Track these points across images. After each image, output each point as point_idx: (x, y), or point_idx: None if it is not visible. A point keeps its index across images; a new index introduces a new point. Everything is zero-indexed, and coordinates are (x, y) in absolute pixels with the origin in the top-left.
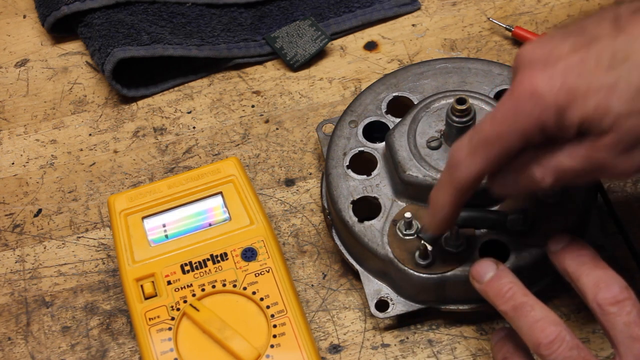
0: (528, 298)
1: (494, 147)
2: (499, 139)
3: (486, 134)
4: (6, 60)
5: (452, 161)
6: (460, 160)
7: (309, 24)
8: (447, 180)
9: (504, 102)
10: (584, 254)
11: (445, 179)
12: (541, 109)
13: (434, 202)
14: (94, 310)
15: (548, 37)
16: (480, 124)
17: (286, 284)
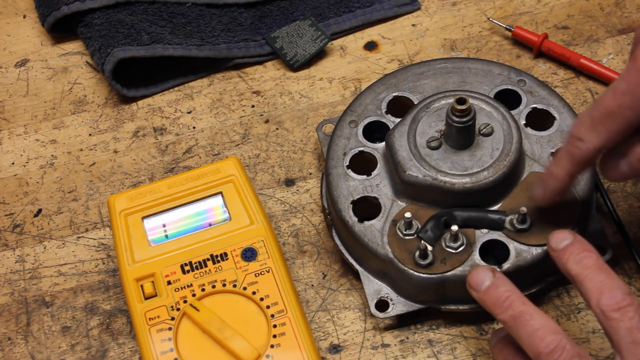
0: (526, 307)
1: (616, 120)
2: (621, 111)
3: (608, 106)
4: (6, 60)
5: (574, 135)
6: (581, 134)
7: (309, 24)
8: (567, 154)
9: (626, 74)
10: (587, 255)
11: (565, 152)
12: None
13: (552, 173)
14: (94, 310)
15: None
16: (600, 98)
17: (286, 284)
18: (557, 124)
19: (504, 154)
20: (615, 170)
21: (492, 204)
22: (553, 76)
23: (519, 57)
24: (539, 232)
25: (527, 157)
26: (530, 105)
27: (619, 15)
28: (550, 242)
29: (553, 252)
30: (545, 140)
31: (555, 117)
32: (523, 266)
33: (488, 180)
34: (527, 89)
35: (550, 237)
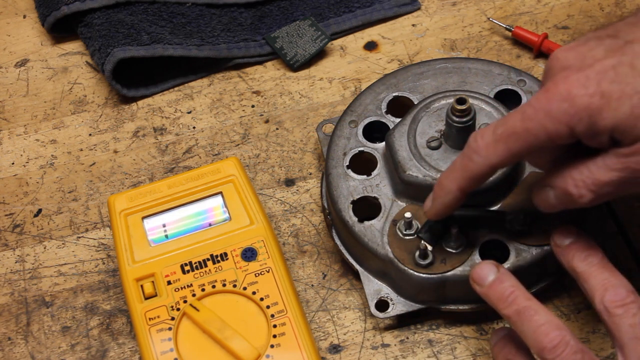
0: (531, 302)
1: (518, 141)
2: (525, 134)
3: (513, 127)
4: (6, 60)
5: (471, 147)
6: (480, 147)
7: (309, 24)
8: (460, 165)
9: (536, 100)
10: (592, 253)
11: (459, 164)
12: (574, 111)
13: (441, 185)
14: (94, 310)
15: (582, 41)
16: (507, 117)
17: (286, 284)
18: None
19: None
20: (544, 201)
21: (492, 204)
22: None
23: (519, 57)
24: (539, 232)
25: None
26: None
27: (619, 15)
28: (555, 238)
29: (557, 248)
30: None
31: None
32: (523, 266)
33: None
34: (527, 89)
35: (554, 233)
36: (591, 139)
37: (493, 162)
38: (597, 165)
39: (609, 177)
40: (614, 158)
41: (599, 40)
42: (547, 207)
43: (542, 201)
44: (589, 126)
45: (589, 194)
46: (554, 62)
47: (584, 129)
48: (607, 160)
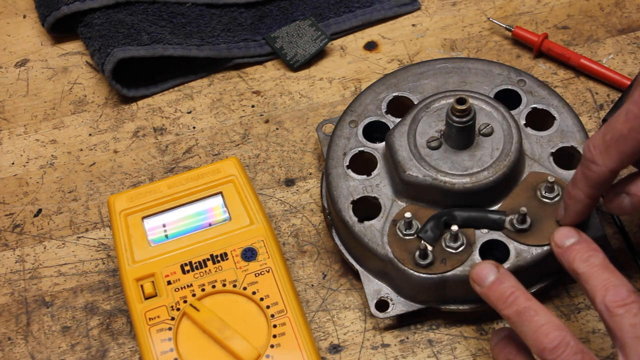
0: (531, 302)
1: (627, 143)
2: (632, 135)
3: (620, 130)
4: (6, 60)
5: (587, 158)
6: (594, 157)
7: (309, 24)
8: (583, 176)
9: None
10: (593, 254)
11: (581, 175)
12: None
13: (570, 195)
14: (94, 310)
15: None
16: (612, 121)
17: (286, 284)
18: (557, 124)
19: (504, 154)
20: (618, 206)
21: (492, 204)
22: (553, 76)
23: (519, 57)
24: (539, 232)
25: (527, 157)
26: (530, 105)
27: (619, 15)
28: (555, 239)
29: (557, 249)
30: (545, 140)
31: (555, 117)
32: (523, 266)
33: (488, 180)
34: (527, 89)
35: (554, 233)
36: None
37: (611, 167)
38: None
39: None
40: None
41: None
42: (620, 213)
43: (616, 207)
44: None
45: None
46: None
47: None
48: None
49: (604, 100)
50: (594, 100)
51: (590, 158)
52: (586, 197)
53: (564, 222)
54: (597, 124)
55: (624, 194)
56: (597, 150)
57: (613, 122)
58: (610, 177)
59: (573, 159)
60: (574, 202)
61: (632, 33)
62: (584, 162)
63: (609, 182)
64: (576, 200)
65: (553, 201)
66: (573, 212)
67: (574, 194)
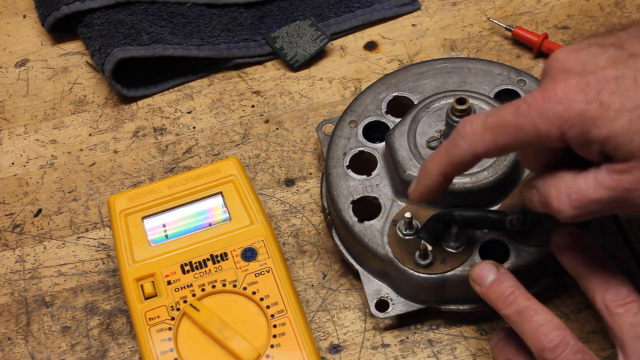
0: (531, 302)
1: (506, 135)
2: (515, 130)
3: (505, 119)
4: (6, 60)
5: (459, 132)
6: (467, 133)
7: (309, 24)
8: (445, 150)
9: (532, 97)
10: (592, 253)
11: (444, 148)
12: (569, 115)
13: (425, 167)
14: (94, 310)
15: (584, 45)
16: (500, 109)
17: (286, 284)
18: None
19: None
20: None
21: (492, 204)
22: None
23: (519, 57)
24: (539, 232)
25: None
26: None
27: (619, 15)
28: (554, 239)
29: (557, 249)
30: None
31: None
32: (523, 266)
33: (488, 180)
34: (527, 89)
35: (554, 234)
36: (581, 147)
37: (478, 150)
38: (586, 180)
39: (598, 195)
40: (606, 174)
41: (602, 48)
42: (531, 208)
43: (527, 201)
44: (581, 133)
45: (570, 210)
46: (554, 62)
47: (575, 135)
48: (599, 175)
49: None
50: None
51: (462, 133)
52: (439, 173)
53: (413, 195)
54: None
55: (534, 189)
56: (471, 128)
57: (502, 110)
58: (471, 160)
59: None
60: (427, 176)
61: None
62: (452, 135)
63: (466, 167)
64: (429, 174)
65: None
66: (422, 187)
67: (429, 167)
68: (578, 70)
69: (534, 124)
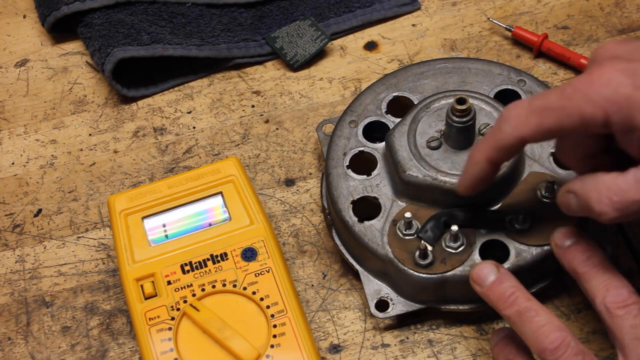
0: (531, 303)
1: (551, 117)
2: (560, 112)
3: (550, 102)
4: (6, 60)
5: (503, 116)
6: (512, 116)
7: (309, 24)
8: (491, 136)
9: (578, 80)
10: (593, 254)
11: (490, 134)
12: (615, 98)
13: (471, 156)
14: (94, 310)
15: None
16: (546, 92)
17: (286, 284)
18: None
19: None
20: (566, 206)
21: (492, 204)
22: (553, 76)
23: (519, 57)
24: (539, 232)
25: (527, 157)
26: None
27: (619, 15)
28: (555, 239)
29: (557, 249)
30: None
31: None
32: (523, 266)
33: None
34: (527, 89)
35: (554, 233)
36: (623, 134)
37: (523, 133)
38: (626, 181)
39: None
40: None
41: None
42: (569, 213)
43: (564, 205)
44: (625, 118)
45: (612, 212)
46: (602, 50)
47: (619, 120)
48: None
49: None
50: None
51: (506, 116)
52: (485, 160)
53: (460, 187)
54: None
55: (572, 194)
56: (516, 112)
57: (547, 93)
58: (517, 145)
59: None
60: (473, 164)
61: (632, 33)
62: (498, 121)
63: (512, 152)
64: (475, 161)
65: (553, 201)
66: (469, 175)
67: (475, 155)
68: (626, 57)
69: (579, 106)
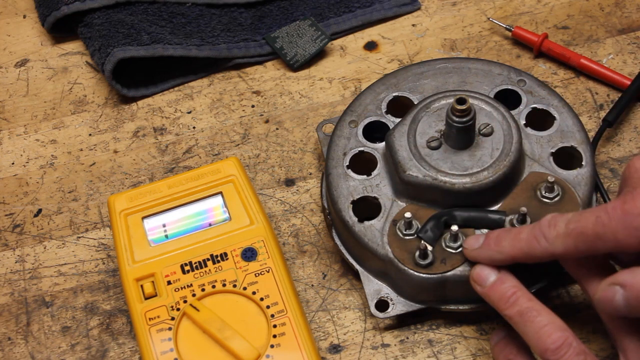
0: (533, 303)
1: (586, 243)
2: (594, 238)
3: (586, 228)
4: (6, 60)
5: (543, 231)
6: (550, 236)
7: (309, 24)
8: (526, 241)
9: (613, 208)
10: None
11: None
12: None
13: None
14: (94, 310)
15: None
16: (583, 215)
17: (286, 284)
18: (557, 124)
19: (504, 154)
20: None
21: (492, 204)
22: (553, 76)
23: (519, 57)
24: None
25: (527, 157)
26: (530, 105)
27: (619, 15)
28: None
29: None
30: (545, 140)
31: (555, 117)
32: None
33: (488, 180)
34: (527, 89)
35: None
36: None
37: (557, 252)
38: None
39: None
40: None
41: None
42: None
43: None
44: None
45: None
46: (633, 171)
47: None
48: None
49: (604, 100)
50: (594, 100)
51: (545, 232)
52: (511, 257)
53: (470, 255)
54: (597, 124)
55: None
56: (555, 230)
57: (584, 216)
58: (546, 258)
59: (573, 159)
60: (497, 251)
61: (632, 33)
62: (537, 231)
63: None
64: (500, 251)
65: (553, 201)
66: (487, 256)
67: (504, 246)
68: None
69: (614, 234)
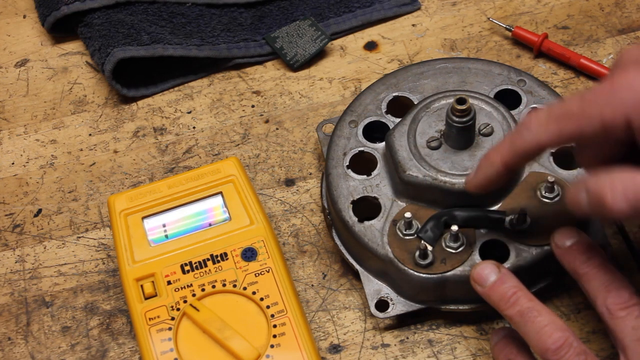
0: (534, 303)
1: (571, 123)
2: (580, 118)
3: (570, 108)
4: (6, 60)
5: (524, 123)
6: (532, 124)
7: (309, 24)
8: (509, 140)
9: (599, 86)
10: (594, 255)
11: (508, 138)
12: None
13: (487, 157)
14: (94, 310)
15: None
16: (566, 99)
17: (286, 284)
18: None
19: None
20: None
21: (492, 204)
22: (553, 76)
23: (519, 57)
24: (539, 232)
25: None
26: (530, 105)
27: (619, 15)
28: (555, 239)
29: (558, 250)
30: None
31: None
32: (523, 266)
33: None
34: (527, 89)
35: (554, 234)
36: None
37: (542, 140)
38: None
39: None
40: None
41: None
42: (577, 210)
43: (573, 202)
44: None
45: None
46: (626, 55)
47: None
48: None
49: None
50: None
51: (526, 123)
52: (501, 163)
53: (471, 184)
54: None
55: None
56: (536, 119)
57: (567, 100)
58: (535, 151)
59: (573, 159)
60: (488, 165)
61: (632, 33)
62: (517, 127)
63: (529, 157)
64: (490, 162)
65: (553, 201)
66: (482, 175)
67: (491, 156)
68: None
69: (600, 111)
